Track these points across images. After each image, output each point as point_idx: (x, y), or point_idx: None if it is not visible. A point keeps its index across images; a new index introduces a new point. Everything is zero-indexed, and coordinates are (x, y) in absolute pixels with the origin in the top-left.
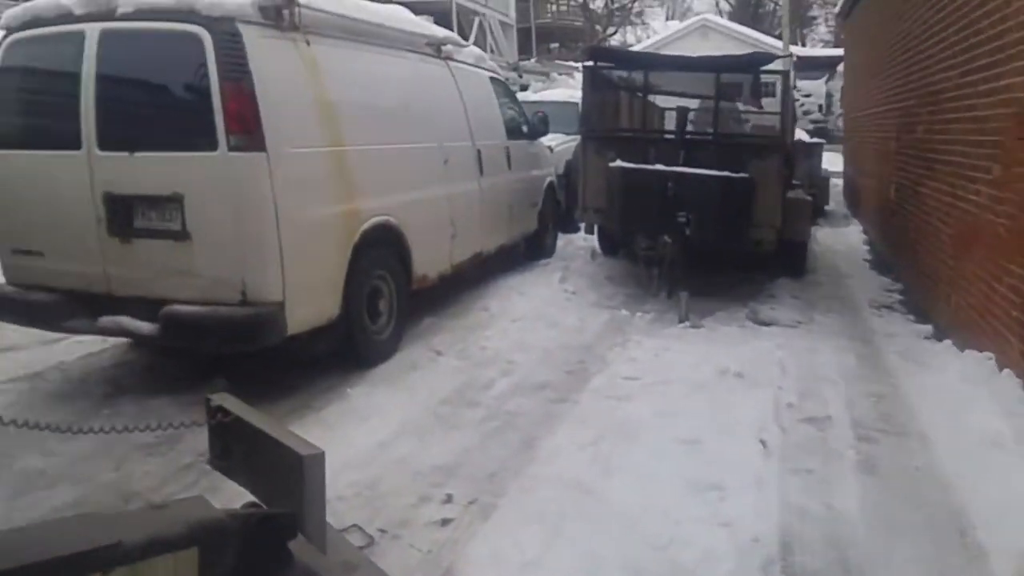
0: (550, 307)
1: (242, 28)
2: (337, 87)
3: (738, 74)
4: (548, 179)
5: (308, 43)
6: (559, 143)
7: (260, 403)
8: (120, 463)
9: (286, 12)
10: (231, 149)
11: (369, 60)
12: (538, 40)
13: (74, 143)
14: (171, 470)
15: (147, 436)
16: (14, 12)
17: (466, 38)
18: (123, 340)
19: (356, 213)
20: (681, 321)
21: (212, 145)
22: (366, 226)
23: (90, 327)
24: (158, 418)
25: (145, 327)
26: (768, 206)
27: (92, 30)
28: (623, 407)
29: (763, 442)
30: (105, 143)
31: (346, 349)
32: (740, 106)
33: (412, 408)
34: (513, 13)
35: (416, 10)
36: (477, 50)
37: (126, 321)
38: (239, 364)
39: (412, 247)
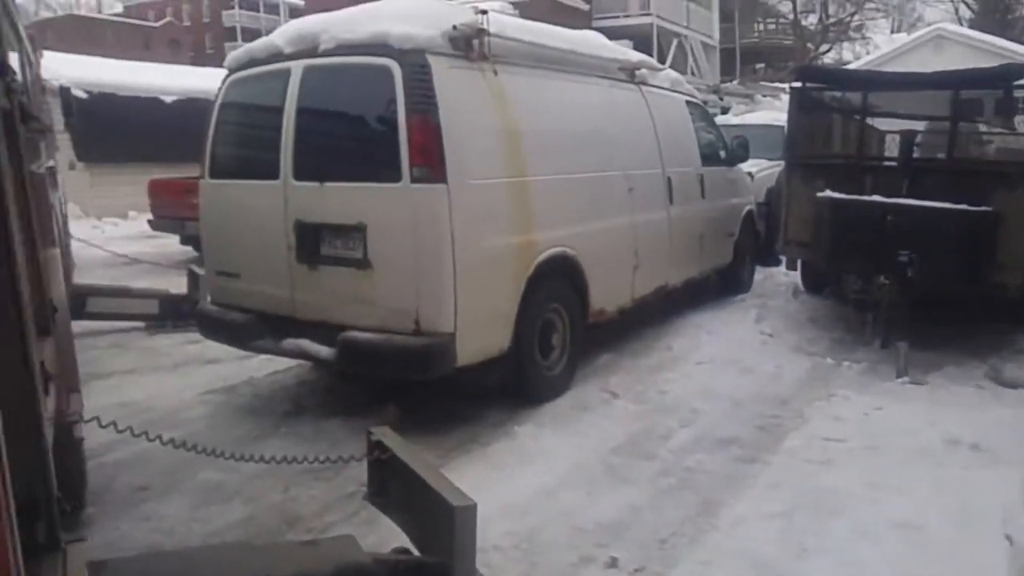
0: (743, 350)
1: (431, 60)
2: (523, 116)
3: (981, 90)
4: (746, 208)
5: (496, 72)
6: (760, 169)
7: (428, 433)
8: (289, 485)
9: (476, 42)
10: (413, 181)
11: (557, 88)
12: (743, 61)
13: (274, 173)
14: (335, 497)
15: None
16: (235, 54)
17: (665, 60)
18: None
19: (532, 244)
20: (899, 376)
21: (396, 177)
22: (542, 257)
23: (275, 348)
24: (330, 441)
25: (324, 351)
26: (1017, 245)
27: (297, 67)
28: (823, 474)
29: (1009, 538)
30: (300, 173)
31: (516, 383)
32: (983, 127)
33: (581, 454)
34: (716, 34)
35: (615, 34)
36: (673, 73)
37: (307, 344)
38: (412, 390)
39: (589, 279)
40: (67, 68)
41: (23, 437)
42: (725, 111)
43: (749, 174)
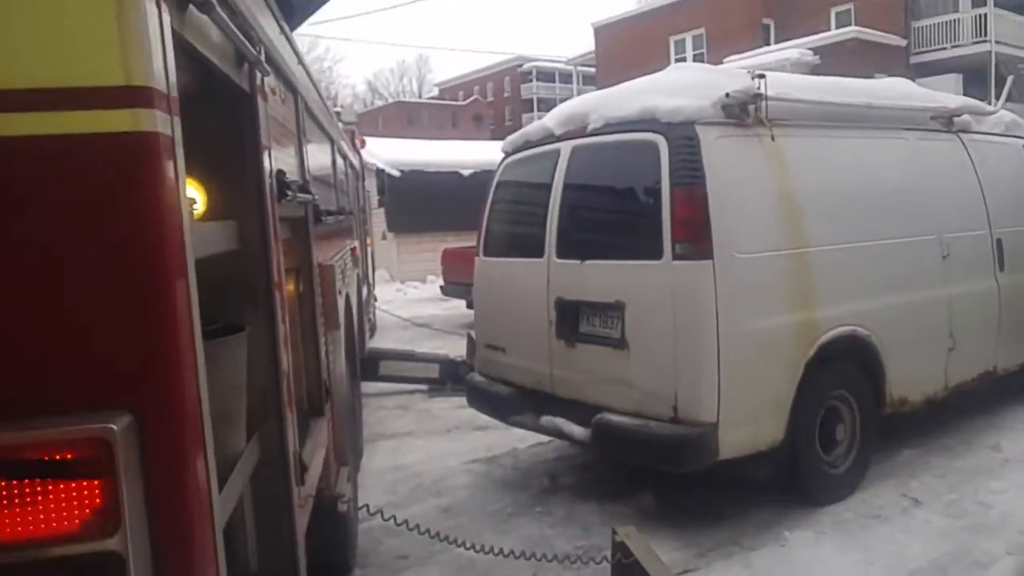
0: None
1: (700, 131)
2: (804, 182)
3: None
4: None
5: (773, 137)
6: None
7: (685, 527)
8: (537, 571)
9: (751, 107)
10: (675, 257)
11: (849, 147)
12: None
13: (539, 251)
14: None
15: (567, 546)
16: (511, 138)
17: (1001, 94)
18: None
19: (813, 323)
20: None
21: (656, 253)
22: (825, 338)
23: (534, 424)
24: (582, 526)
25: (579, 431)
26: None
27: (566, 147)
28: None
29: None
30: (562, 251)
31: (789, 479)
32: None
33: (867, 575)
34: None
35: (940, 68)
36: (1008, 115)
37: (563, 423)
38: (671, 477)
39: (886, 363)
40: (385, 151)
41: (276, 524)
42: None
43: None
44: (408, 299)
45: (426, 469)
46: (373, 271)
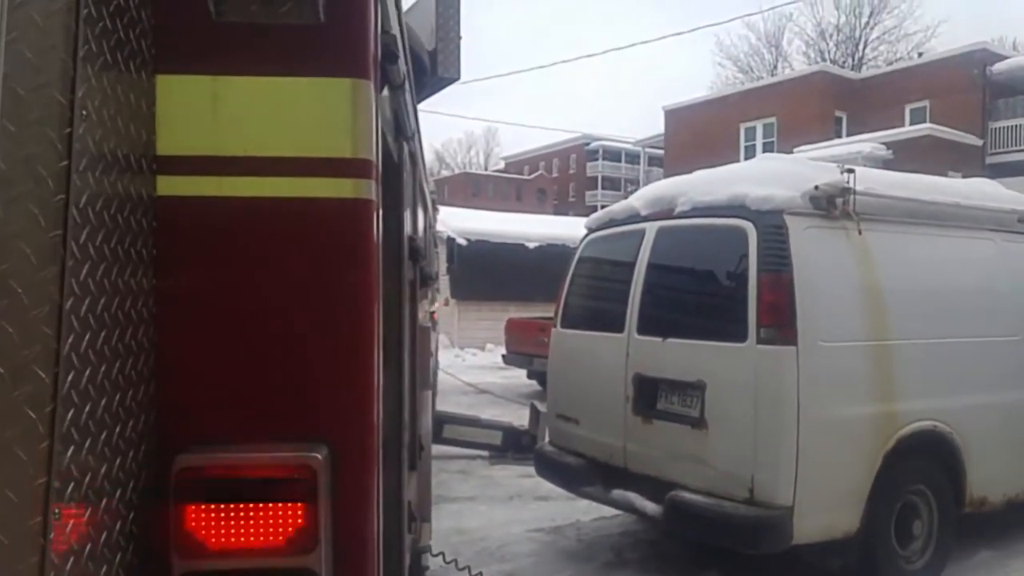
0: None
1: (788, 220)
2: (890, 276)
3: None
4: None
5: (860, 231)
6: None
7: None
8: None
9: (840, 200)
10: (759, 342)
11: (934, 244)
12: None
13: (619, 326)
14: None
15: None
16: (596, 216)
17: None
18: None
19: (893, 416)
20: None
21: (741, 336)
22: (904, 432)
23: (603, 497)
24: None
25: (651, 507)
26: None
27: (651, 227)
28: None
29: None
30: (644, 328)
31: (863, 571)
32: None
33: None
34: None
35: (1014, 169)
36: None
37: (635, 498)
38: (740, 559)
39: (967, 461)
40: (453, 220)
41: (389, 568)
42: None
43: None
44: (467, 365)
45: (489, 535)
46: (437, 336)
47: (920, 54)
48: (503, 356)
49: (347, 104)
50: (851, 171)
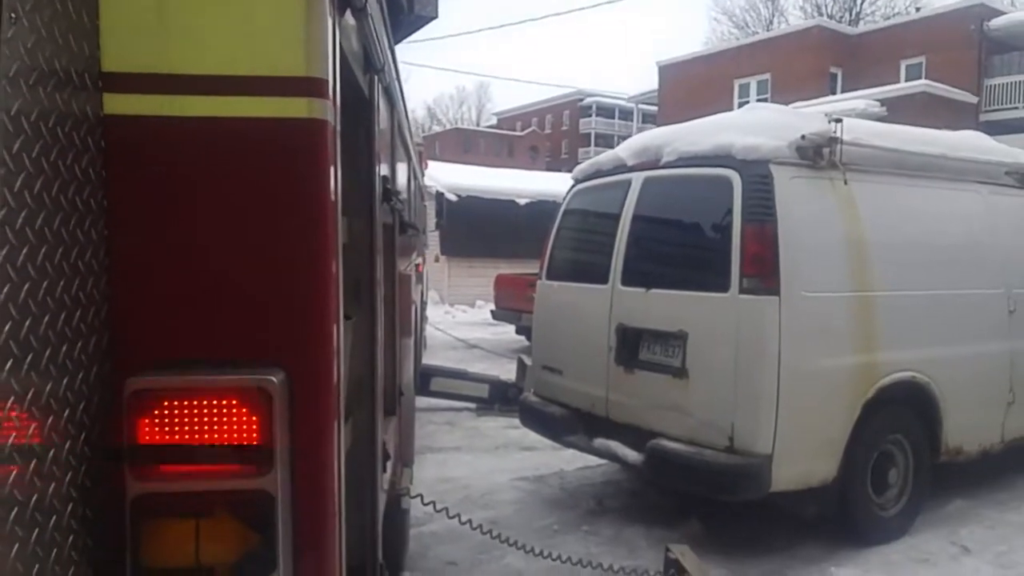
0: None
1: (774, 170)
2: (874, 227)
3: None
4: None
5: (846, 181)
6: None
7: (730, 556)
8: None
9: (826, 151)
10: (742, 291)
11: (920, 196)
12: None
13: (603, 278)
14: None
15: (613, 565)
16: (581, 167)
17: None
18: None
19: (873, 366)
20: None
21: (724, 286)
22: (884, 382)
23: (586, 445)
24: (629, 547)
25: (632, 455)
26: None
27: (637, 178)
28: None
29: None
30: (627, 279)
31: (839, 519)
32: None
33: None
34: None
35: (1009, 127)
36: None
37: (616, 446)
38: (719, 507)
39: (944, 412)
40: (443, 175)
41: (361, 505)
42: None
43: None
44: (456, 322)
45: (474, 483)
46: (426, 291)
47: (918, 9)
48: (492, 312)
49: (301, 20)
50: (838, 121)
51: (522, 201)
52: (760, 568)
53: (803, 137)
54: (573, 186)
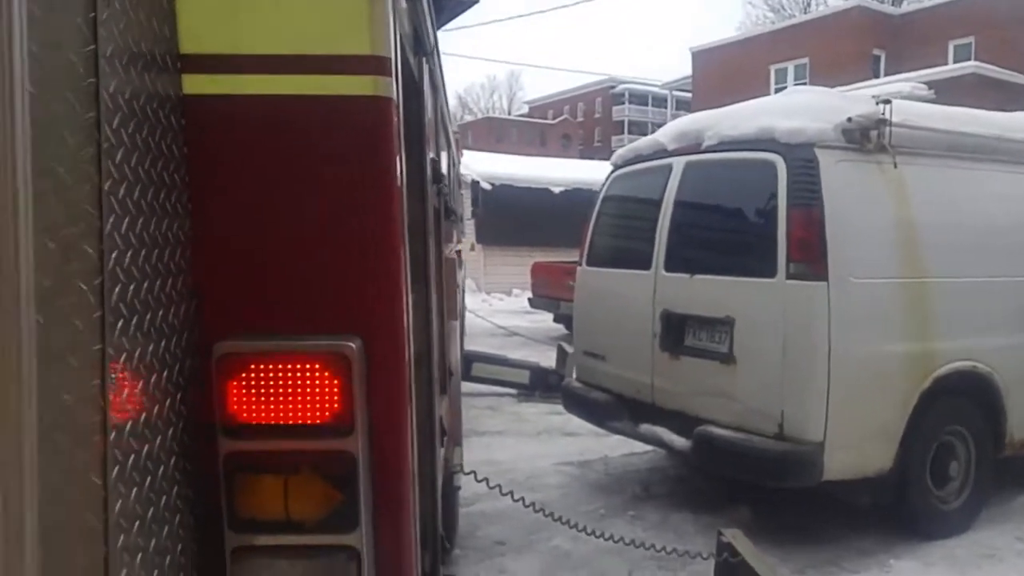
0: None
1: (819, 153)
2: (927, 212)
3: None
4: None
5: (896, 164)
6: None
7: (782, 545)
8: (633, 568)
9: (873, 134)
10: (789, 277)
11: (975, 179)
12: None
13: (646, 263)
14: None
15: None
16: (621, 152)
17: None
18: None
19: (930, 355)
20: None
21: (770, 272)
22: (941, 371)
23: (631, 431)
24: (676, 533)
25: (679, 442)
26: None
27: (678, 162)
28: None
29: None
30: (671, 265)
31: (896, 509)
32: None
33: None
34: None
35: None
36: None
37: (663, 432)
38: (770, 494)
39: (1008, 403)
40: (478, 164)
41: (423, 481)
42: None
43: None
44: (493, 310)
45: (518, 467)
46: (464, 279)
47: None
48: (529, 300)
49: (365, 0)
50: (887, 102)
51: (556, 189)
52: (813, 557)
53: (850, 120)
54: (612, 172)
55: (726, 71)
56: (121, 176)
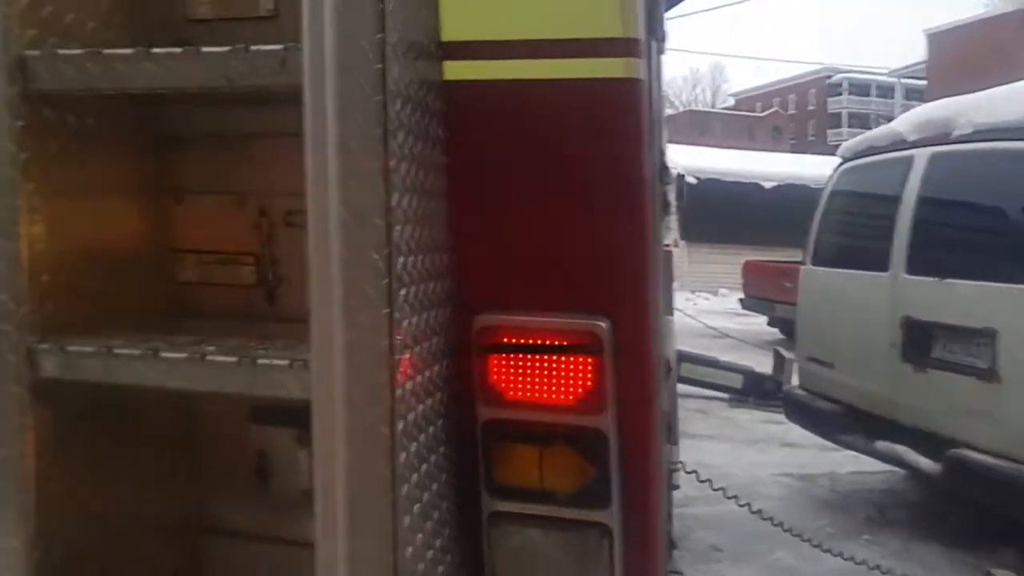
0: None
1: None
2: None
3: None
4: None
5: None
6: None
7: None
8: None
9: None
10: None
11: None
12: None
13: (882, 265)
14: None
15: None
16: (850, 143)
17: None
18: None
19: None
20: None
21: None
22: None
23: (864, 447)
24: (924, 566)
25: (925, 464)
26: None
27: (922, 154)
28: None
29: None
30: (914, 267)
31: None
32: None
33: None
34: None
35: None
36: None
37: (904, 452)
38: None
39: None
40: (682, 157)
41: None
42: None
43: None
44: (699, 310)
45: (733, 473)
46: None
47: None
48: (740, 300)
49: None
50: None
51: (768, 185)
52: None
53: None
54: (840, 165)
55: (967, 55)
56: (402, 156)
